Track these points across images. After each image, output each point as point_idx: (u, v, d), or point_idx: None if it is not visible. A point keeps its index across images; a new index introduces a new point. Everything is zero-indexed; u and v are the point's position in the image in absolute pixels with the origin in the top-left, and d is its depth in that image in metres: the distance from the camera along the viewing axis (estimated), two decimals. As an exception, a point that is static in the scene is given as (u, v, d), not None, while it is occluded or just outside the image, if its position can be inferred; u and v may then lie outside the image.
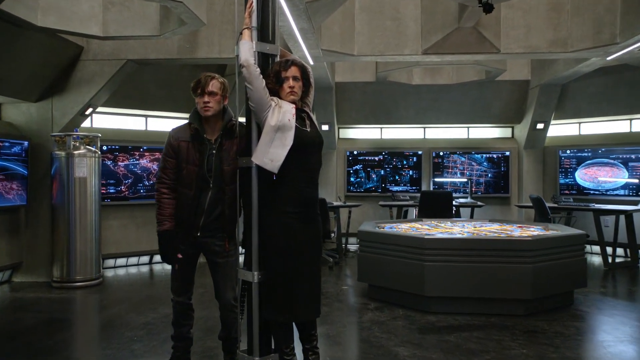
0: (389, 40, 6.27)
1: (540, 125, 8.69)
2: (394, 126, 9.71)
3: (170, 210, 3.11)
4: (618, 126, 8.36)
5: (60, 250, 6.10)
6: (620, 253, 7.86)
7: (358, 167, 9.52)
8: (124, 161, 7.29)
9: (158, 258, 7.40)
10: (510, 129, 9.61)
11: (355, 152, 9.54)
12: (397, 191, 9.29)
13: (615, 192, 8.09)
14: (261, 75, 2.88)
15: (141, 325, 4.54)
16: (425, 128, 9.75)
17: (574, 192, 8.53)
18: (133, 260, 7.56)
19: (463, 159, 9.34)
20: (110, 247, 7.24)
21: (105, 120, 7.51)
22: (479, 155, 9.33)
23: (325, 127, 8.67)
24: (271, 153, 2.85)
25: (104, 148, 7.09)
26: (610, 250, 7.43)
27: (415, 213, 8.59)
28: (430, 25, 6.11)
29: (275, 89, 2.94)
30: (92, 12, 5.40)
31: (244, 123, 3.10)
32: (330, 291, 5.85)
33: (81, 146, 6.21)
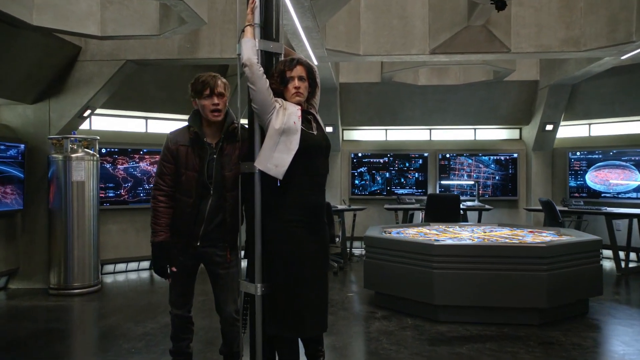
0: (396, 39, 6.09)
1: (549, 127, 8.49)
2: (399, 128, 9.52)
3: (166, 220, 2.93)
4: (630, 127, 8.14)
5: (58, 256, 5.92)
6: (633, 258, 7.66)
7: (363, 170, 9.34)
8: (124, 164, 7.13)
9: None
10: (518, 131, 9.42)
11: (359, 154, 9.35)
12: (403, 194, 9.10)
13: (628, 195, 7.89)
14: (265, 75, 2.70)
15: (139, 336, 4.37)
16: (431, 130, 9.56)
17: (584, 195, 8.32)
18: (133, 265, 7.39)
19: (470, 161, 9.15)
20: (110, 253, 7.07)
21: (104, 122, 7.34)
22: (486, 158, 9.14)
23: (329, 129, 8.47)
24: (275, 158, 2.67)
25: (103, 151, 6.92)
26: (623, 255, 7.23)
27: (421, 217, 8.41)
28: (438, 24, 5.92)
29: (279, 89, 2.76)
30: (90, 11, 5.23)
31: (247, 126, 2.92)
32: (336, 298, 5.67)
33: (79, 149, 6.04)
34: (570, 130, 8.84)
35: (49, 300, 5.71)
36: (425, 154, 9.26)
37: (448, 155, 9.21)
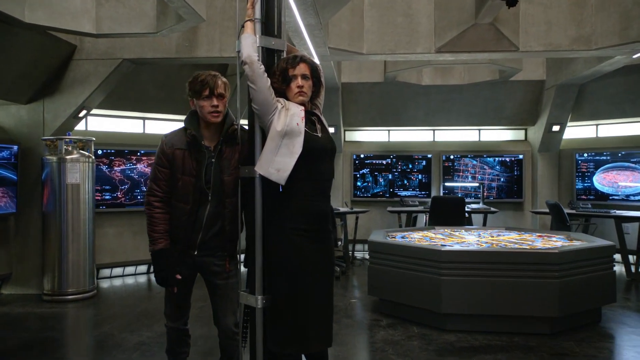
0: (400, 37, 5.90)
1: (555, 128, 8.30)
2: (402, 128, 9.33)
3: (164, 227, 2.74)
4: (639, 128, 7.96)
5: (52, 261, 5.74)
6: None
7: (365, 171, 9.16)
8: (120, 166, 6.95)
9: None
10: (523, 132, 9.23)
11: (362, 156, 9.17)
12: (406, 196, 8.92)
13: (637, 198, 7.70)
14: (266, 74, 2.52)
15: (135, 346, 4.19)
16: (434, 130, 9.37)
17: (591, 198, 8.14)
18: (130, 269, 7.20)
19: (475, 163, 8.97)
20: (106, 257, 6.89)
21: (101, 123, 7.16)
22: (491, 159, 8.95)
23: (331, 130, 8.24)
24: (277, 162, 2.49)
25: (99, 152, 6.75)
26: (633, 259, 7.04)
27: (425, 219, 8.23)
28: (444, 22, 5.74)
29: (281, 88, 2.58)
30: (85, 8, 5.05)
31: (247, 128, 2.74)
32: (339, 305, 5.48)
33: (74, 150, 5.86)
34: (577, 131, 8.66)
35: (42, 306, 5.53)
36: (429, 155, 9.08)
37: (452, 157, 9.03)
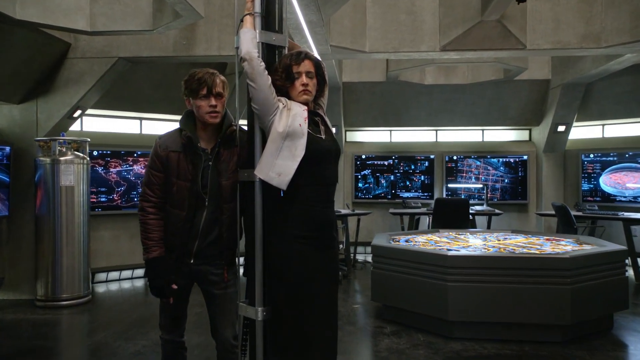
0: (404, 35, 5.74)
1: (561, 128, 8.14)
2: (404, 129, 9.16)
3: (159, 234, 2.58)
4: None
5: (45, 266, 5.57)
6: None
7: (366, 172, 8.99)
8: (116, 167, 6.77)
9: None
10: (527, 132, 9.07)
11: (363, 156, 9.00)
12: (408, 198, 8.75)
13: (645, 200, 7.55)
14: (266, 71, 2.35)
15: (130, 356, 4.02)
16: (437, 131, 9.21)
17: (598, 199, 7.98)
18: (126, 273, 7.03)
19: (478, 163, 8.80)
20: (102, 260, 6.72)
21: (96, 123, 6.98)
22: (495, 160, 8.79)
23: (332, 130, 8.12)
24: (278, 165, 2.32)
25: (95, 153, 6.58)
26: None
27: (428, 222, 8.07)
28: (449, 19, 5.58)
29: (285, 86, 2.41)
30: (78, 5, 4.88)
31: (246, 129, 2.57)
32: (341, 310, 5.28)
33: (68, 152, 5.69)
34: (582, 131, 8.50)
35: (35, 312, 5.35)
36: (432, 156, 8.92)
37: (455, 157, 8.87)
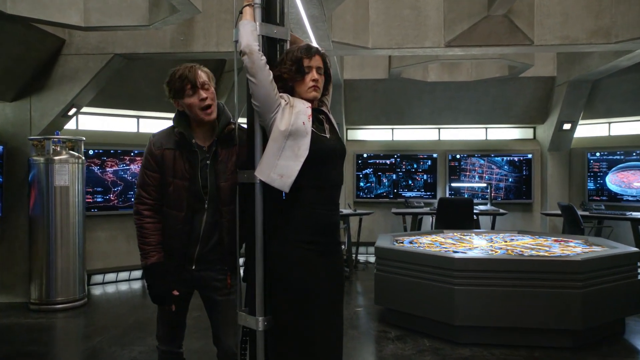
0: (408, 31, 5.58)
1: (566, 126, 7.98)
2: (406, 127, 9.00)
3: (157, 238, 2.43)
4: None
5: (39, 268, 5.42)
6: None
7: (368, 171, 8.84)
8: (113, 167, 6.62)
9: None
10: (531, 130, 8.91)
11: (365, 155, 8.85)
12: (411, 197, 8.60)
13: (653, 199, 7.41)
14: (268, 66, 2.19)
15: (125, 363, 3.88)
16: (440, 129, 9.05)
17: (604, 199, 7.83)
18: (124, 275, 6.88)
19: (482, 162, 8.65)
20: (98, 262, 6.57)
21: (92, 121, 6.83)
22: (499, 158, 8.64)
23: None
24: (280, 166, 2.17)
25: (90, 152, 6.43)
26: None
27: (431, 222, 7.92)
28: (454, 14, 5.42)
29: (293, 80, 2.24)
30: (72, -1, 4.73)
31: (245, 127, 2.42)
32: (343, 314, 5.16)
33: (62, 151, 5.54)
34: (587, 129, 8.35)
35: (29, 316, 5.21)
36: (434, 155, 8.76)
37: (458, 156, 8.71)
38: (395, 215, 7.98)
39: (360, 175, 8.85)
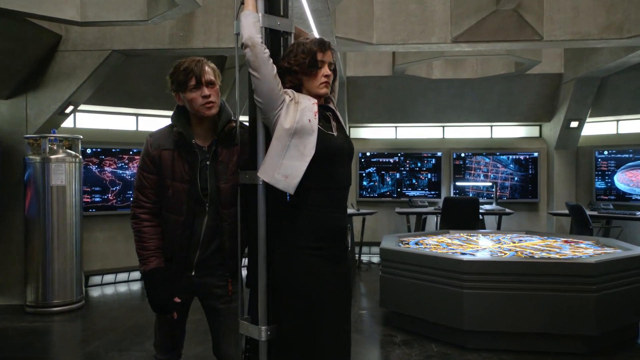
0: (413, 26, 5.43)
1: (574, 124, 7.83)
2: (410, 125, 8.85)
3: (156, 242, 2.29)
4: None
5: (35, 269, 5.28)
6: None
7: (371, 170, 8.70)
8: (111, 166, 6.48)
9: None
10: (537, 128, 8.77)
11: (368, 154, 8.70)
12: (415, 196, 8.46)
13: (662, 199, 7.26)
14: (271, 59, 2.05)
15: (122, 370, 3.75)
16: (444, 127, 8.90)
17: (612, 198, 7.68)
18: (122, 276, 6.74)
19: (487, 160, 8.50)
20: (96, 263, 6.44)
21: (89, 119, 6.68)
22: (504, 157, 8.49)
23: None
24: (285, 166, 2.03)
25: (88, 151, 6.29)
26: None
27: (436, 222, 7.79)
28: (461, 9, 5.27)
29: (306, 73, 2.10)
30: (68, -7, 4.59)
31: (247, 125, 2.28)
32: (347, 317, 5.03)
33: (59, 150, 5.40)
34: (595, 127, 8.19)
35: (24, 320, 5.07)
36: (439, 153, 8.62)
37: (463, 155, 8.56)
38: (398, 214, 7.85)
39: (363, 174, 8.71)
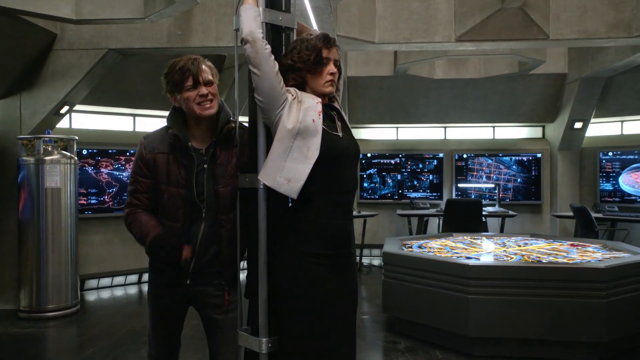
0: (417, 25, 5.32)
1: (578, 124, 7.72)
2: (412, 126, 8.73)
3: (155, 221, 2.20)
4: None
5: (29, 273, 5.15)
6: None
7: (372, 171, 8.58)
8: (108, 167, 6.36)
9: (147, 277, 6.47)
10: (540, 129, 8.65)
11: (368, 155, 8.59)
12: (416, 198, 8.34)
13: (669, 201, 7.15)
14: (273, 56, 1.94)
15: (117, 379, 3.62)
16: (446, 128, 8.79)
17: (617, 200, 7.57)
18: (119, 279, 6.61)
19: (489, 162, 8.39)
20: (92, 266, 6.31)
21: (85, 120, 6.56)
22: (507, 158, 8.37)
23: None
24: (287, 169, 1.92)
25: (84, 152, 6.16)
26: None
27: (438, 224, 7.67)
28: (466, 7, 5.16)
29: (310, 71, 1.99)
30: (63, -10, 4.47)
31: (247, 125, 2.16)
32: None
33: (54, 151, 5.28)
34: (599, 128, 8.08)
35: (18, 325, 4.94)
36: (441, 154, 8.50)
37: (465, 156, 8.45)
38: (400, 217, 7.73)
39: (364, 176, 8.59)
